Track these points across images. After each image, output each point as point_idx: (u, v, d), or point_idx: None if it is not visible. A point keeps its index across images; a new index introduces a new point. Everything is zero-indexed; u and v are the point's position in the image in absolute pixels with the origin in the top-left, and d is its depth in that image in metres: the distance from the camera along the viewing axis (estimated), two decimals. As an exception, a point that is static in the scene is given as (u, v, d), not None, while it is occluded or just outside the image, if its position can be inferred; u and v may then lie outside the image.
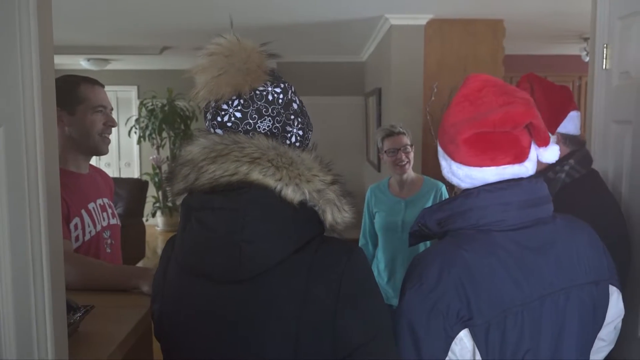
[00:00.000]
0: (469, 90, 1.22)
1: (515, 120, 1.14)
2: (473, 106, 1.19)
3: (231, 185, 1.02)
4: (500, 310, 1.09)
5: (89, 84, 1.94)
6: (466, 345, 1.09)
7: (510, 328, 1.09)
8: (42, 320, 0.95)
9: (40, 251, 0.93)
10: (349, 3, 4.21)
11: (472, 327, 1.08)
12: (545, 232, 1.18)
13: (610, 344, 1.35)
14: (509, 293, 1.10)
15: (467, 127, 1.16)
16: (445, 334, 1.09)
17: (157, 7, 4.34)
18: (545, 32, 5.45)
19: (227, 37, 1.09)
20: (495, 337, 1.09)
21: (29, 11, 0.90)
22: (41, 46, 0.92)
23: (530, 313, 1.11)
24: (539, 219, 1.18)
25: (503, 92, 1.19)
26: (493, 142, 1.15)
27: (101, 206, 1.97)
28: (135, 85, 8.47)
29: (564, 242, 1.19)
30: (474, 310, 1.08)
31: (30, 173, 0.91)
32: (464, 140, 1.17)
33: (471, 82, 1.24)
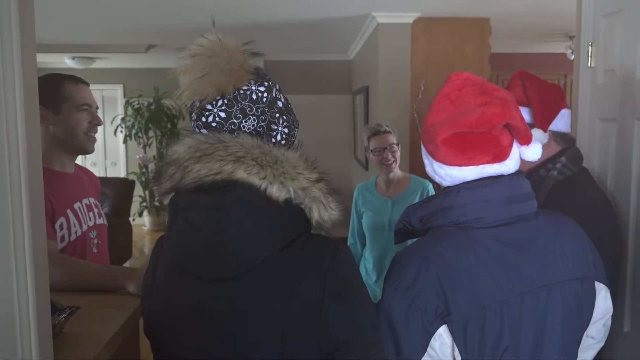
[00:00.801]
0: (450, 89, 1.23)
1: (491, 122, 1.15)
2: (453, 105, 1.19)
3: (216, 184, 1.02)
4: (479, 306, 1.10)
5: (73, 82, 1.92)
6: (445, 341, 1.10)
7: (489, 325, 1.10)
8: (25, 321, 0.93)
9: (24, 251, 0.92)
10: (336, 1, 4.20)
11: (450, 323, 1.09)
12: (527, 229, 1.18)
13: (601, 342, 1.35)
14: (488, 290, 1.11)
15: (446, 128, 1.17)
16: (424, 330, 1.09)
17: (143, 5, 4.31)
18: (531, 31, 5.48)
19: (209, 38, 1.10)
20: (473, 334, 1.09)
21: (10, 8, 0.88)
22: (23, 44, 0.90)
23: (509, 310, 1.12)
24: (520, 216, 1.19)
25: (482, 91, 1.19)
26: (471, 142, 1.16)
27: (87, 206, 1.95)
28: (120, 84, 8.41)
29: (547, 239, 1.19)
30: (452, 306, 1.09)
31: (12, 172, 0.89)
32: (442, 141, 1.18)
33: (452, 80, 1.24)
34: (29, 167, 0.93)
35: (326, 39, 5.97)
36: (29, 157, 0.93)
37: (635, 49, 1.67)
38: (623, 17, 1.75)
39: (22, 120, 0.91)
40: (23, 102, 0.91)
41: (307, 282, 1.00)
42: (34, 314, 0.95)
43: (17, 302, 0.91)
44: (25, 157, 0.92)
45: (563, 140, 1.74)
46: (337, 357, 1.00)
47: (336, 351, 1.00)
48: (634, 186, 1.69)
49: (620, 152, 1.78)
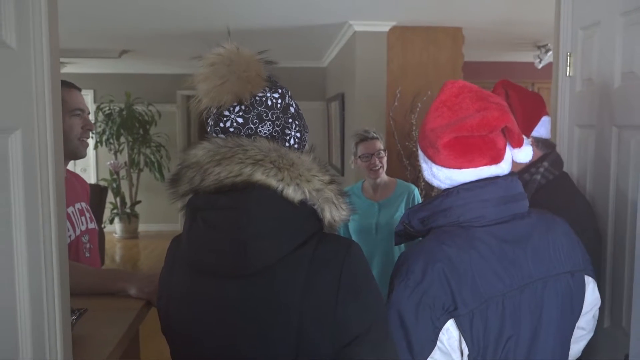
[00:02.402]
0: (447, 96, 1.29)
1: (491, 125, 1.21)
2: (451, 111, 1.25)
3: (235, 185, 1.06)
4: (482, 300, 1.16)
5: (66, 87, 1.93)
6: (453, 335, 1.16)
7: (492, 317, 1.17)
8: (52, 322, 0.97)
9: (51, 248, 0.96)
10: (314, 9, 4.27)
11: (457, 317, 1.15)
12: (522, 226, 1.26)
13: (590, 332, 1.45)
14: (490, 284, 1.18)
15: (447, 132, 1.23)
16: (433, 325, 1.15)
17: (116, 10, 4.29)
18: (501, 40, 5.66)
19: (227, 47, 1.13)
20: (478, 326, 1.16)
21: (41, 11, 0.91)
22: (51, 55, 0.93)
23: (510, 302, 1.19)
24: (515, 214, 1.26)
25: (479, 97, 1.26)
26: (471, 145, 1.23)
27: (80, 210, 1.96)
28: (91, 89, 8.28)
29: (540, 235, 1.28)
30: (458, 301, 1.15)
31: (42, 174, 0.92)
32: (443, 145, 1.23)
33: (448, 88, 1.30)
34: (56, 169, 0.96)
35: (301, 46, 6.03)
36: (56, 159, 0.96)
37: (613, 59, 1.77)
38: (600, 29, 1.86)
39: (50, 124, 0.93)
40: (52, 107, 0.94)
41: (321, 278, 1.04)
42: (60, 315, 0.98)
43: (46, 304, 0.94)
44: (54, 160, 0.95)
45: (544, 146, 1.84)
46: (350, 349, 1.05)
47: (349, 344, 1.04)
48: (612, 189, 1.79)
49: (598, 158, 1.87)
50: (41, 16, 0.90)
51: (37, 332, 0.92)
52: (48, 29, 0.92)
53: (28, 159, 0.87)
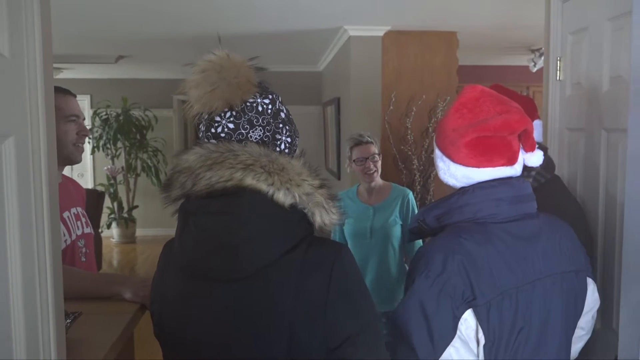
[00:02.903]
0: (467, 99, 1.34)
1: (513, 127, 1.27)
2: (472, 113, 1.31)
3: (226, 190, 1.08)
4: (498, 292, 1.22)
5: (61, 94, 1.95)
6: (470, 324, 1.21)
7: (506, 308, 1.22)
8: (46, 325, 0.98)
9: (45, 252, 0.97)
10: (309, 14, 4.29)
11: (475, 307, 1.20)
12: (532, 225, 1.32)
13: (588, 333, 1.49)
14: (505, 277, 1.23)
15: (469, 131, 1.28)
16: (453, 314, 1.20)
17: (113, 16, 4.30)
18: (496, 44, 5.69)
19: (218, 54, 1.15)
20: (494, 317, 1.21)
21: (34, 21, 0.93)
22: (44, 63, 0.95)
23: (523, 295, 1.24)
24: (526, 213, 1.32)
25: (500, 101, 1.32)
26: (491, 146, 1.28)
27: (75, 215, 1.97)
28: (87, 95, 8.29)
29: (548, 234, 1.33)
30: (477, 292, 1.20)
31: (35, 180, 0.94)
32: (465, 143, 1.29)
33: (469, 92, 1.36)
34: (49, 174, 0.97)
35: (296, 51, 6.06)
36: (49, 165, 0.97)
37: (601, 64, 1.79)
38: (589, 34, 1.88)
39: (44, 130, 0.95)
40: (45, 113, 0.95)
41: (312, 281, 1.06)
42: (54, 316, 0.99)
43: (40, 305, 0.96)
44: (47, 165, 0.96)
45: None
46: (341, 351, 1.06)
47: (340, 345, 1.06)
48: (602, 192, 1.81)
49: (588, 160, 1.90)
50: (34, 26, 0.92)
51: (31, 335, 0.93)
52: (41, 38, 0.94)
53: (21, 165, 0.89)
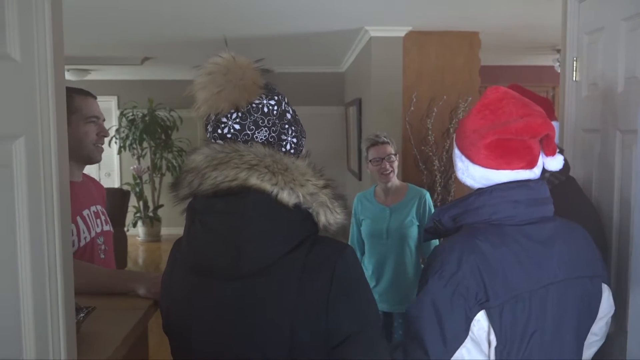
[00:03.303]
0: (490, 100, 1.34)
1: (535, 130, 1.27)
2: (494, 115, 1.31)
3: (231, 189, 1.10)
4: (512, 294, 1.21)
5: (82, 95, 2.00)
6: (482, 326, 1.21)
7: (519, 311, 1.22)
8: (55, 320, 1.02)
9: (55, 252, 1.01)
10: (330, 16, 4.31)
11: (488, 308, 1.20)
12: (550, 229, 1.31)
13: (602, 339, 1.48)
14: (519, 279, 1.23)
15: (490, 133, 1.28)
16: (466, 315, 1.20)
17: (139, 19, 4.39)
18: (519, 44, 5.63)
19: (224, 56, 1.18)
20: (507, 319, 1.21)
21: (45, 26, 0.97)
22: (55, 66, 0.99)
23: (537, 299, 1.24)
24: (543, 217, 1.32)
25: (523, 104, 1.32)
26: (511, 148, 1.28)
27: (95, 213, 2.02)
28: (115, 96, 8.46)
29: (565, 238, 1.32)
30: (490, 293, 1.20)
31: (46, 178, 0.98)
32: (485, 145, 1.29)
33: (492, 93, 1.36)
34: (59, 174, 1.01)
35: (319, 52, 6.09)
36: (59, 165, 1.01)
37: (616, 64, 1.77)
38: (604, 34, 1.86)
39: (54, 131, 0.99)
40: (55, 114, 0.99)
41: (315, 280, 1.08)
42: (63, 315, 1.03)
43: (50, 303, 0.99)
44: (57, 165, 1.00)
45: None
46: (341, 350, 1.08)
47: (341, 344, 1.08)
48: (617, 193, 1.79)
49: (603, 162, 1.88)
50: (45, 31, 0.96)
51: (41, 334, 0.96)
52: (52, 42, 0.98)
53: (32, 164, 0.93)
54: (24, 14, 0.91)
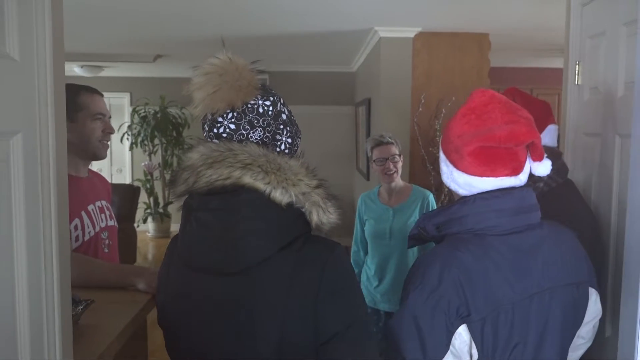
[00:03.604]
0: (476, 104, 1.32)
1: (519, 139, 1.24)
2: (479, 120, 1.28)
3: (225, 188, 1.13)
4: (494, 307, 1.20)
5: (89, 93, 2.04)
6: (464, 339, 1.20)
7: (502, 324, 1.20)
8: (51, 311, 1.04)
9: (52, 247, 1.03)
10: (340, 16, 4.33)
11: (470, 323, 1.18)
12: (534, 237, 1.29)
13: (589, 342, 1.47)
14: (502, 292, 1.21)
15: (474, 140, 1.26)
16: (447, 329, 1.19)
17: (151, 17, 4.44)
18: (529, 46, 5.60)
19: (221, 57, 1.20)
20: (489, 332, 1.19)
21: (45, 26, 1.00)
22: (54, 65, 1.02)
23: (520, 310, 1.22)
24: (528, 224, 1.29)
25: (508, 110, 1.29)
26: (495, 156, 1.26)
27: (100, 208, 2.06)
28: (127, 92, 8.55)
29: (550, 246, 1.30)
30: (471, 307, 1.18)
31: (43, 174, 1.01)
32: (469, 152, 1.26)
33: (478, 96, 1.33)
34: (57, 170, 1.04)
35: (330, 52, 6.11)
36: (57, 161, 1.04)
37: (616, 69, 1.78)
38: (606, 39, 1.87)
39: (52, 127, 1.02)
40: (54, 111, 1.02)
41: (305, 277, 1.10)
42: (58, 305, 1.06)
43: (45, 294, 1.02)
44: (55, 161, 1.03)
45: (550, 154, 1.83)
46: (329, 346, 1.10)
47: (328, 341, 1.10)
48: (615, 199, 1.79)
49: (602, 166, 1.88)
50: (45, 31, 0.99)
51: (36, 333, 0.99)
52: (52, 41, 1.01)
53: (29, 160, 0.96)
54: (24, 14, 0.94)
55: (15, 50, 0.91)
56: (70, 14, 4.20)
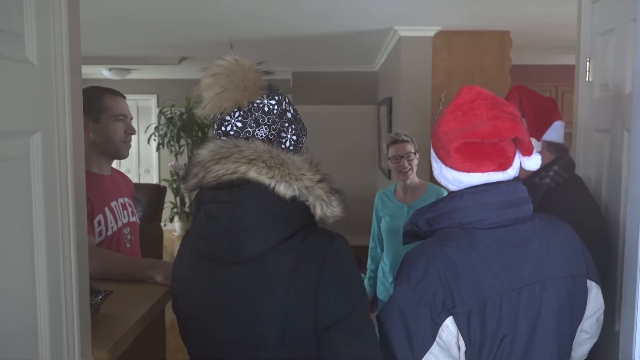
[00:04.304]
0: (463, 100, 1.35)
1: (502, 134, 1.27)
2: (465, 117, 1.31)
3: (232, 182, 1.20)
4: (480, 299, 1.22)
5: (112, 95, 2.13)
6: (451, 331, 1.22)
7: (489, 315, 1.22)
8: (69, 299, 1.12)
9: (69, 239, 1.11)
10: (360, 16, 4.36)
11: (455, 315, 1.21)
12: (524, 230, 1.31)
13: (594, 336, 1.48)
14: (488, 284, 1.23)
15: (459, 137, 1.29)
16: (433, 321, 1.22)
17: (175, 20, 4.55)
18: (551, 43, 5.55)
19: (227, 59, 1.27)
20: (475, 324, 1.22)
21: (62, 32, 1.08)
22: (71, 68, 1.10)
23: (507, 302, 1.24)
24: (517, 218, 1.31)
25: (493, 106, 1.31)
26: (481, 152, 1.28)
27: (122, 205, 2.15)
28: (154, 94, 8.74)
29: (542, 238, 1.32)
30: (457, 299, 1.21)
31: (61, 171, 1.08)
32: (454, 148, 1.29)
33: (465, 93, 1.36)
34: (74, 167, 1.12)
35: (352, 51, 6.14)
36: (75, 159, 1.12)
37: (625, 65, 1.78)
38: (615, 35, 1.87)
39: (70, 127, 1.10)
40: (71, 111, 1.10)
41: (306, 266, 1.16)
42: (77, 295, 1.14)
43: (64, 286, 1.10)
44: (72, 159, 1.11)
45: (556, 150, 1.87)
46: (329, 333, 1.16)
47: (328, 329, 1.16)
48: (624, 194, 1.80)
49: (612, 162, 1.89)
50: (62, 36, 1.07)
51: (55, 322, 1.07)
52: (69, 46, 1.09)
53: (47, 156, 1.03)
54: (42, 22, 1.02)
55: (34, 55, 0.99)
56: (97, 17, 4.34)
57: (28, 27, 0.97)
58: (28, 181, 0.99)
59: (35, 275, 1.02)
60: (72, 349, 1.13)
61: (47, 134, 1.03)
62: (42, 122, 1.02)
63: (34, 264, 1.02)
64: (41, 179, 1.02)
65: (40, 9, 1.01)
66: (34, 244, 1.01)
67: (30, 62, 0.98)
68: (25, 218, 0.99)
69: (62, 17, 1.07)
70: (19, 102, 0.95)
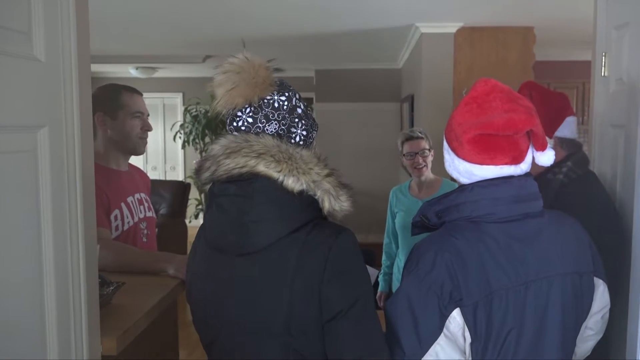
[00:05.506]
0: (478, 93, 1.34)
1: (517, 127, 1.26)
2: (480, 109, 1.30)
3: (242, 176, 1.24)
4: (487, 292, 1.22)
5: (129, 92, 2.18)
6: (458, 322, 1.23)
7: (495, 309, 1.23)
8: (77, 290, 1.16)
9: (77, 232, 1.15)
10: (381, 13, 4.37)
11: (462, 306, 1.21)
12: (533, 225, 1.30)
13: (599, 333, 1.46)
14: (495, 277, 1.23)
15: (473, 128, 1.28)
16: (440, 312, 1.22)
17: (199, 19, 4.62)
18: (577, 38, 5.44)
19: (239, 57, 1.30)
20: (482, 317, 1.22)
21: (70, 30, 1.12)
22: (79, 65, 1.14)
23: (514, 297, 1.24)
24: (527, 213, 1.31)
25: (509, 99, 1.31)
26: (494, 144, 1.28)
27: (139, 200, 2.21)
28: (180, 92, 8.85)
29: (550, 234, 1.31)
30: (464, 291, 1.22)
31: (69, 165, 1.13)
32: (468, 139, 1.29)
33: (481, 85, 1.35)
34: (82, 161, 1.16)
35: (374, 49, 6.14)
36: (82, 153, 1.16)
37: (639, 59, 1.76)
38: (630, 29, 1.84)
39: (77, 122, 1.14)
40: (79, 107, 1.14)
41: (312, 258, 1.19)
42: (85, 286, 1.18)
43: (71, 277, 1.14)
44: (80, 153, 1.15)
45: (569, 146, 1.85)
46: (333, 324, 1.18)
47: (332, 319, 1.18)
48: (638, 190, 1.77)
49: (627, 157, 1.86)
50: (70, 33, 1.11)
51: (63, 327, 1.10)
52: (76, 44, 1.12)
53: (55, 150, 1.08)
54: (50, 19, 1.06)
55: (42, 52, 1.03)
56: (124, 17, 4.43)
57: (36, 26, 1.01)
58: (36, 174, 1.03)
59: (43, 268, 1.06)
60: (79, 341, 1.17)
61: (54, 129, 1.07)
62: (50, 117, 1.06)
63: (42, 257, 1.06)
64: (49, 172, 1.06)
65: (48, 7, 1.05)
66: (42, 237, 1.05)
67: (37, 59, 1.02)
68: (32, 210, 1.03)
69: (70, 14, 1.10)
70: (26, 97, 0.99)
